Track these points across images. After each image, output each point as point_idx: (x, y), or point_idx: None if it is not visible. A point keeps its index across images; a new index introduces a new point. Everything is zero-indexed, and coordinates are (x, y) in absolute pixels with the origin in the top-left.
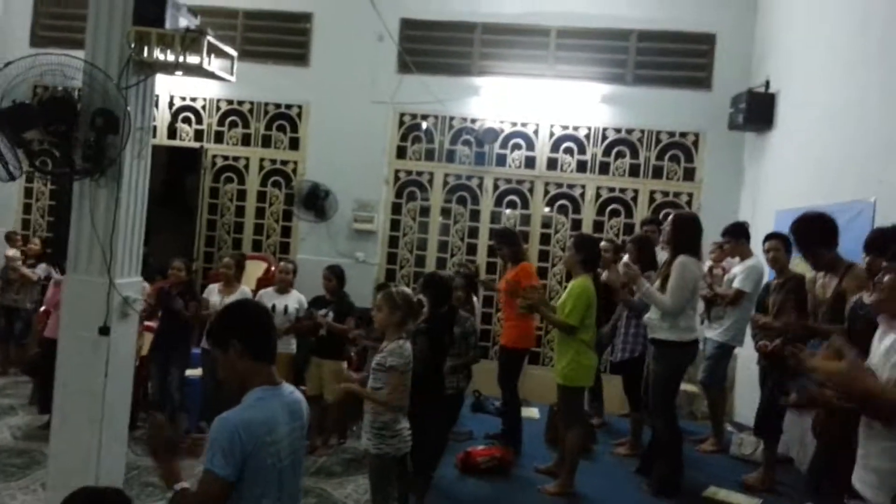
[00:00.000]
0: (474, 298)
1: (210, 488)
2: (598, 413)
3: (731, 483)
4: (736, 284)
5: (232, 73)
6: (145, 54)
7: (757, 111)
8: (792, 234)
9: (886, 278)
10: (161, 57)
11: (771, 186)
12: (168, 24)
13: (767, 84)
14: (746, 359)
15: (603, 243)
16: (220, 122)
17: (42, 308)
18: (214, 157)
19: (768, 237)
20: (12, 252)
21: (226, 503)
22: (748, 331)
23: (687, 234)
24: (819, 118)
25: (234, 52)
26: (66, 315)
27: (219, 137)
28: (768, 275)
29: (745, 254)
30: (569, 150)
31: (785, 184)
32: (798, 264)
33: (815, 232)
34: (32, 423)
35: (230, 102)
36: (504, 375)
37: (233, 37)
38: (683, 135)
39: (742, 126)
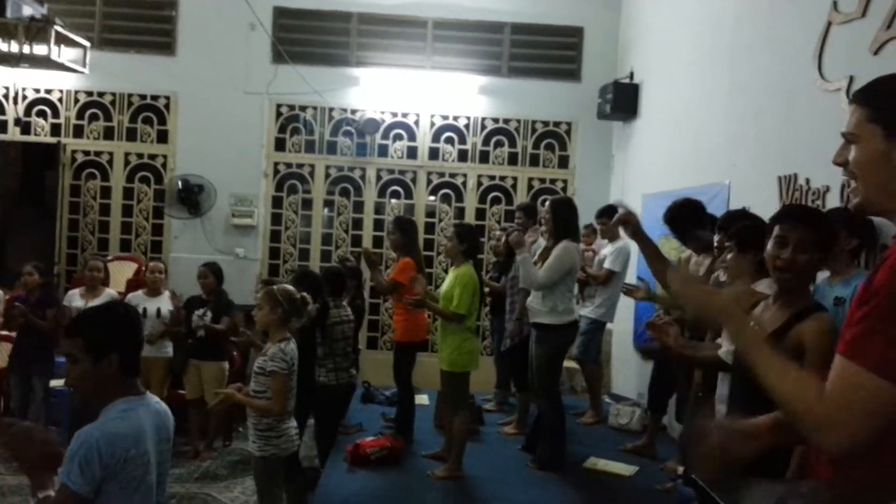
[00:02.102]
0: (363, 292)
1: (63, 502)
2: (496, 397)
3: (611, 452)
4: (607, 265)
5: (84, 65)
6: None
7: (623, 101)
8: (668, 225)
9: (729, 256)
10: (3, 48)
11: (638, 172)
12: (9, 13)
13: (632, 75)
14: (620, 334)
15: (497, 231)
16: (80, 116)
17: None
18: (74, 152)
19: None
20: None
21: None
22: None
23: (565, 218)
24: (678, 108)
25: (86, 42)
26: None
27: (78, 132)
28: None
29: (615, 235)
30: (450, 140)
31: (650, 169)
32: (664, 244)
33: (687, 216)
34: None
35: (90, 94)
36: (399, 370)
37: (90, 24)
38: (557, 124)
39: (609, 115)
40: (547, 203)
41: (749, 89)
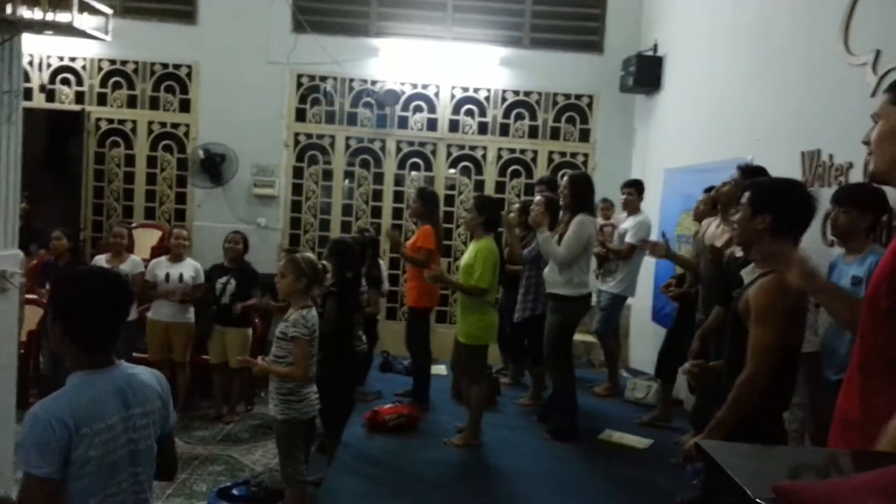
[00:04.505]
0: (380, 262)
1: (34, 492)
2: (511, 373)
3: (625, 425)
4: (628, 239)
5: (107, 32)
6: (8, 11)
7: (646, 74)
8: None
9: (738, 215)
10: (26, 14)
11: (660, 146)
12: None
13: (655, 48)
14: (639, 309)
15: (512, 215)
16: (103, 84)
17: None
18: (98, 120)
19: (706, 190)
20: None
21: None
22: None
23: (583, 193)
24: (702, 81)
25: (108, 10)
26: None
27: (102, 99)
28: (658, 227)
29: (635, 209)
30: (470, 112)
31: (672, 143)
32: (685, 218)
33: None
34: None
35: (113, 62)
36: (411, 334)
37: None
38: (578, 97)
39: (632, 88)
40: (565, 178)
41: (774, 63)
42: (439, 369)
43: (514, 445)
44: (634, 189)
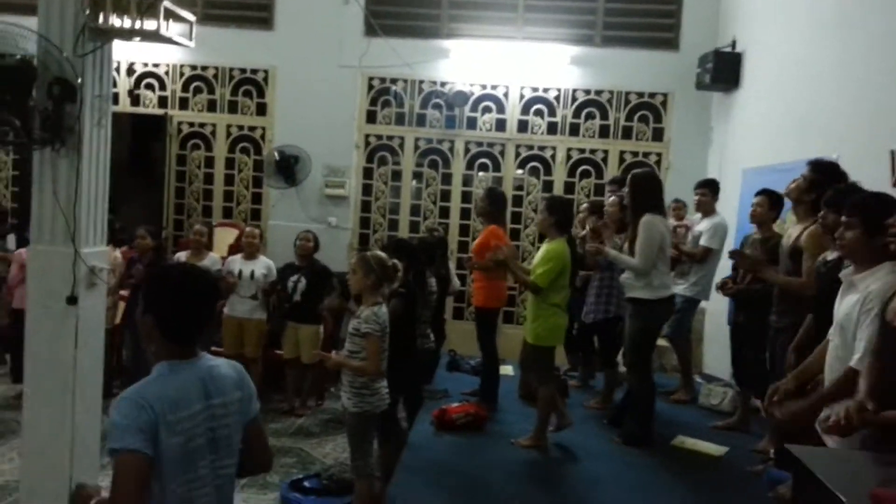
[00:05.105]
0: (449, 262)
1: (126, 470)
2: (580, 376)
3: (700, 432)
4: (703, 242)
5: (191, 39)
6: (101, 20)
7: (723, 71)
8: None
9: (847, 234)
10: (117, 23)
11: (738, 145)
12: None
13: (734, 44)
14: (714, 313)
15: (584, 205)
16: (185, 88)
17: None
18: (180, 123)
19: (759, 193)
20: None
21: (150, 482)
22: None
23: (646, 193)
24: (783, 77)
25: (192, 17)
26: (32, 286)
27: (183, 104)
28: (737, 230)
29: (710, 210)
30: (539, 113)
31: (752, 142)
32: (778, 225)
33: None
34: (6, 393)
35: (194, 68)
36: (479, 335)
37: (194, 0)
38: (652, 95)
39: (709, 86)
40: (628, 178)
41: (858, 57)
42: (506, 369)
43: (581, 448)
44: (708, 189)
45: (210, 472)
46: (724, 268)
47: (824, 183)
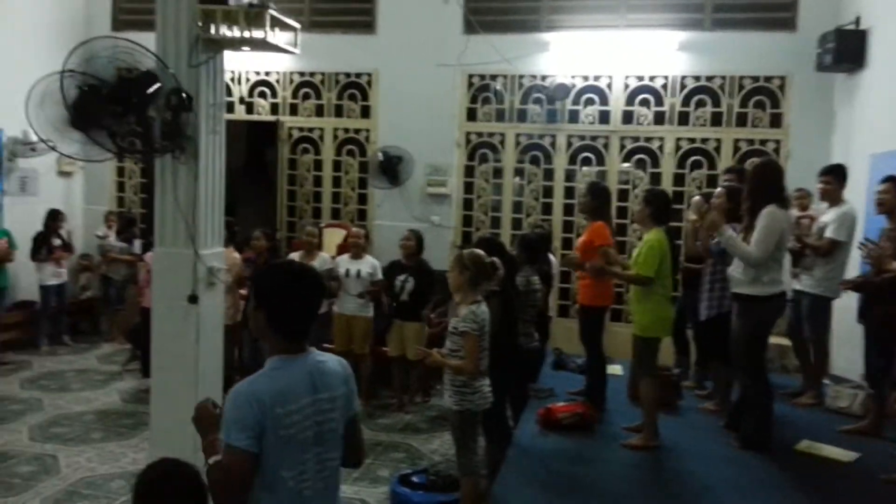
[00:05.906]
0: (551, 257)
1: (232, 461)
2: (688, 375)
3: (827, 436)
4: (829, 234)
5: (296, 46)
6: (212, 31)
7: (847, 50)
8: None
9: None
10: (227, 33)
11: (865, 129)
12: (232, 0)
13: (858, 21)
14: (842, 310)
15: (696, 197)
16: (294, 95)
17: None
18: (290, 129)
19: (885, 180)
20: (101, 231)
21: (253, 475)
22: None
23: (767, 182)
24: None
25: (296, 25)
26: (157, 286)
27: (293, 110)
28: (865, 220)
29: (836, 199)
30: (645, 102)
31: (880, 125)
32: None
33: None
34: (138, 387)
35: (302, 74)
36: (585, 334)
37: (300, 9)
38: (768, 79)
39: (831, 67)
40: (749, 167)
41: None
42: (615, 369)
43: (695, 451)
44: (833, 177)
45: (316, 463)
46: (854, 260)
47: None
